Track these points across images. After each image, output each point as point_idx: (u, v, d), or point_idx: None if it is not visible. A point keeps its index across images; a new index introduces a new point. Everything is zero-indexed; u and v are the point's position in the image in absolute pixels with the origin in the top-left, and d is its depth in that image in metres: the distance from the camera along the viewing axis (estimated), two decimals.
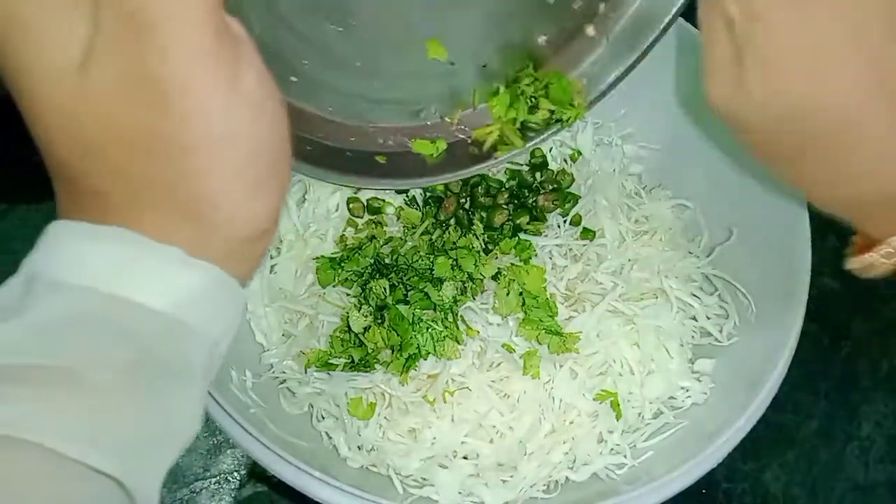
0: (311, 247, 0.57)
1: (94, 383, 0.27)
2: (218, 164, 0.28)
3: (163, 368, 0.29)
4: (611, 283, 0.55)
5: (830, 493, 0.59)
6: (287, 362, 0.54)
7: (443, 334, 0.51)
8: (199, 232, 0.29)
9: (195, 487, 0.58)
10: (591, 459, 0.51)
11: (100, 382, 0.27)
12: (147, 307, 0.28)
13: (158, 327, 0.29)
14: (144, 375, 0.28)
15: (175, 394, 0.29)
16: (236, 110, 0.28)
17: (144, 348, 0.28)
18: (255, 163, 0.29)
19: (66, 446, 0.26)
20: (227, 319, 0.31)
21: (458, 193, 0.58)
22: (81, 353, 0.27)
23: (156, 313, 0.28)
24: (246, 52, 0.28)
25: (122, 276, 0.28)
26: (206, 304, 0.30)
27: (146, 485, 0.28)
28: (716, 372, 0.54)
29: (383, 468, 0.50)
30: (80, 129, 0.28)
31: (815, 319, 0.55)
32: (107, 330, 0.28)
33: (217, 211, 0.29)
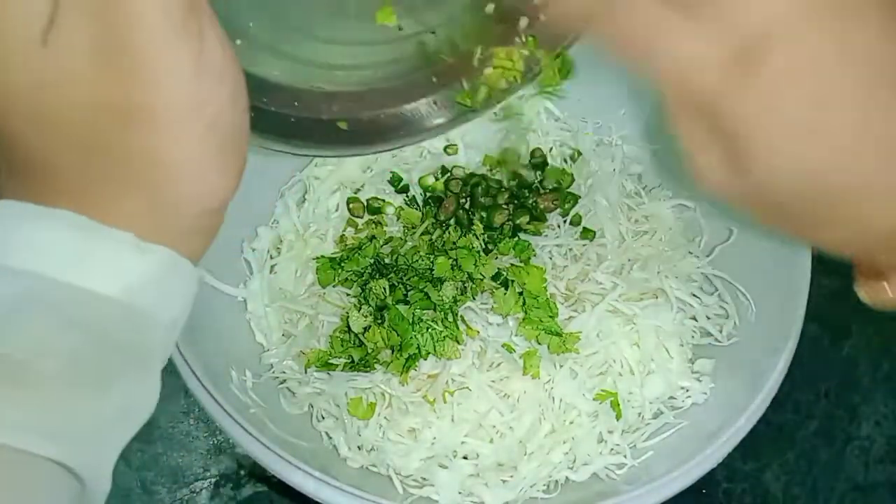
0: (311, 247, 0.57)
1: (40, 372, 0.26)
2: (181, 132, 0.28)
3: (115, 355, 0.28)
4: (611, 283, 0.55)
5: (830, 493, 0.59)
6: (287, 362, 0.54)
7: (443, 334, 0.51)
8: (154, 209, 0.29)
9: (195, 487, 0.58)
10: (591, 459, 0.51)
11: (46, 371, 0.26)
12: (98, 294, 0.28)
13: (111, 314, 0.28)
14: (94, 364, 0.28)
15: (129, 379, 0.29)
16: (201, 79, 0.28)
17: (95, 335, 0.28)
18: (216, 132, 0.29)
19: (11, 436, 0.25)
20: (181, 300, 0.31)
21: (458, 193, 0.58)
22: (27, 341, 0.27)
23: (107, 300, 0.28)
24: (207, 20, 0.28)
25: (71, 261, 0.28)
26: (159, 288, 0.29)
27: (98, 469, 0.28)
28: (716, 372, 0.54)
29: (383, 468, 0.50)
30: (41, 100, 0.27)
31: (815, 319, 0.55)
32: (54, 317, 0.27)
33: (176, 182, 0.29)
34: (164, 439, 0.59)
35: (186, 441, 0.59)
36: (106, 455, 0.29)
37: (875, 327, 0.64)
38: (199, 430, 0.60)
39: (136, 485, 0.58)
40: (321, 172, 0.60)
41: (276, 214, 0.59)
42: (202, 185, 0.29)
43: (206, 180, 0.29)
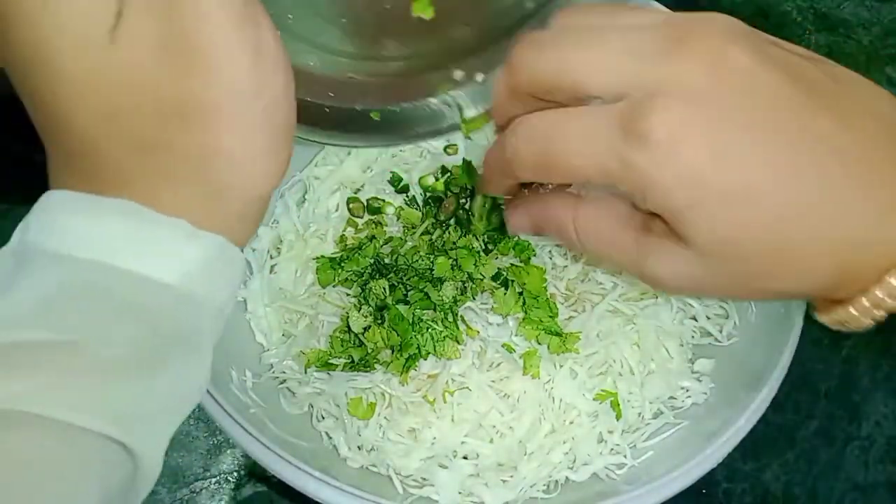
0: (311, 247, 0.57)
1: (101, 358, 0.27)
2: (240, 123, 0.29)
3: (170, 340, 0.29)
4: (611, 283, 0.55)
5: (830, 493, 0.59)
6: (287, 362, 0.54)
7: (443, 334, 0.51)
8: (208, 197, 0.30)
9: (195, 487, 0.58)
10: (591, 459, 0.51)
11: (106, 358, 0.27)
12: (153, 280, 0.28)
13: (165, 300, 0.29)
14: (152, 350, 0.29)
15: (183, 363, 0.30)
16: (259, 68, 0.29)
17: (151, 322, 0.28)
18: (271, 121, 0.30)
19: (74, 415, 0.26)
20: (230, 285, 0.31)
21: (458, 193, 0.58)
22: (87, 328, 0.27)
23: (162, 286, 0.29)
24: (261, 9, 0.29)
25: (127, 248, 0.28)
26: (211, 274, 0.30)
27: (152, 450, 0.29)
28: (716, 372, 0.54)
29: (383, 468, 0.50)
30: (106, 96, 0.28)
31: (815, 319, 0.55)
32: (112, 304, 0.28)
33: (231, 171, 0.29)
34: None
35: (186, 441, 0.59)
36: (159, 435, 0.29)
37: (875, 327, 0.64)
38: (199, 430, 0.60)
39: None
40: (321, 172, 0.60)
41: (276, 214, 0.59)
42: (255, 172, 0.30)
43: (258, 168, 0.30)
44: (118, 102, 0.28)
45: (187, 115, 0.28)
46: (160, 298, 0.29)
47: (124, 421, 0.27)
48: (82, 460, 0.27)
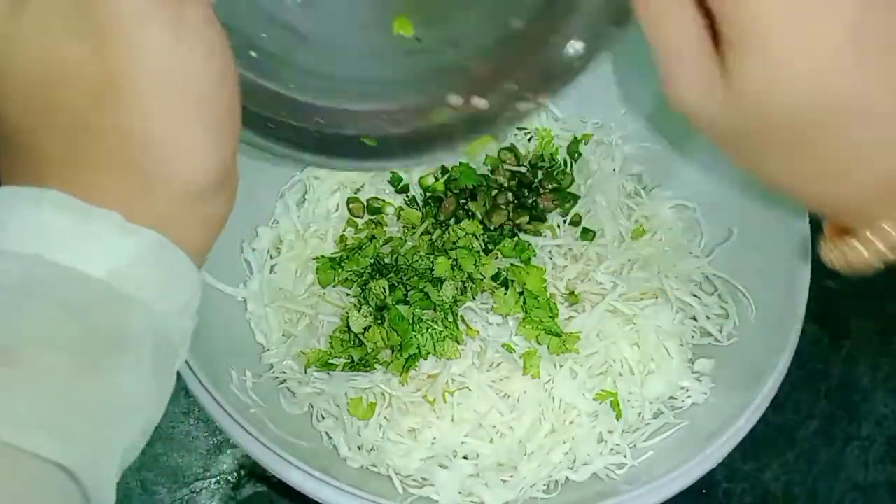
0: (311, 247, 0.57)
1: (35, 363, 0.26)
2: (162, 105, 0.27)
3: (106, 342, 0.27)
4: (611, 283, 0.55)
5: (830, 493, 0.59)
6: (287, 362, 0.54)
7: (443, 334, 0.51)
8: (141, 190, 0.28)
9: (195, 487, 0.58)
10: (591, 459, 0.51)
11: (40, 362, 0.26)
12: (85, 274, 0.27)
13: (97, 296, 0.27)
14: (88, 352, 0.27)
15: (122, 370, 0.28)
16: (182, 49, 0.27)
17: (86, 321, 0.27)
18: (201, 107, 0.28)
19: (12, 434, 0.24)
20: (176, 292, 0.29)
21: (459, 194, 0.58)
22: (20, 331, 0.26)
23: (94, 281, 0.27)
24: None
25: (58, 242, 0.27)
26: (147, 272, 0.28)
27: (96, 472, 0.27)
28: (716, 372, 0.54)
29: (383, 468, 0.50)
30: (16, 77, 0.27)
31: (815, 319, 0.55)
32: (46, 301, 0.27)
33: (161, 161, 0.28)
34: (164, 439, 0.59)
35: (186, 441, 0.59)
36: (103, 455, 0.27)
37: (875, 327, 0.64)
38: (199, 430, 0.60)
39: (136, 485, 0.58)
40: (321, 172, 0.60)
41: (276, 214, 0.59)
42: (185, 163, 0.28)
43: (189, 159, 0.28)
44: (30, 83, 0.27)
45: (103, 98, 0.27)
46: (91, 294, 0.27)
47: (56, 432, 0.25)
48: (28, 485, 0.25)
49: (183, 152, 0.28)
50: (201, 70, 0.28)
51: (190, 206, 0.29)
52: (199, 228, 0.30)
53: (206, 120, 0.28)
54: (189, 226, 0.29)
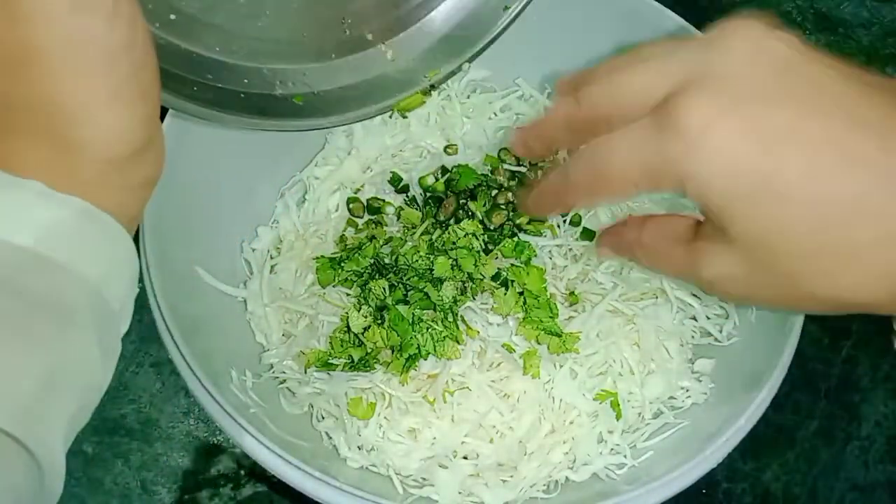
0: (311, 247, 0.57)
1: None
2: (69, 67, 0.27)
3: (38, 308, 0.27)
4: (611, 283, 0.55)
5: (830, 493, 0.59)
6: (287, 362, 0.54)
7: (443, 334, 0.51)
8: (61, 158, 0.28)
9: (195, 487, 0.58)
10: (591, 459, 0.51)
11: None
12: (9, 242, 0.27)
13: (22, 262, 0.27)
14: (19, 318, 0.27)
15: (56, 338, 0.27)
16: (83, 15, 0.27)
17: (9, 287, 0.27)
18: (111, 67, 0.28)
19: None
20: (105, 258, 0.29)
21: (459, 194, 0.58)
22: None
23: (16, 248, 0.27)
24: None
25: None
26: (73, 240, 0.28)
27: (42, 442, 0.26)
28: (716, 372, 0.54)
29: (383, 468, 0.50)
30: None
31: (815, 319, 0.55)
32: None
33: (76, 124, 0.28)
34: (164, 439, 0.59)
35: (186, 441, 0.59)
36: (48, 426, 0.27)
37: (875, 327, 0.64)
38: (199, 430, 0.60)
39: (136, 485, 0.58)
40: (321, 172, 0.60)
41: (276, 214, 0.59)
42: (101, 129, 0.29)
43: (105, 123, 0.29)
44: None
45: (18, 66, 0.27)
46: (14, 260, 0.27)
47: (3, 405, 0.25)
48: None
49: (97, 118, 0.28)
50: (105, 34, 0.28)
51: (113, 172, 0.29)
52: (125, 193, 0.30)
53: (118, 84, 0.28)
54: (115, 191, 0.30)
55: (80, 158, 0.29)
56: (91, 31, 0.28)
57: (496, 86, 0.64)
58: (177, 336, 0.46)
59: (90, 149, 0.29)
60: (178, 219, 0.51)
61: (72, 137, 0.28)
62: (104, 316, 0.29)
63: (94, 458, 0.58)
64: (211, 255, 0.54)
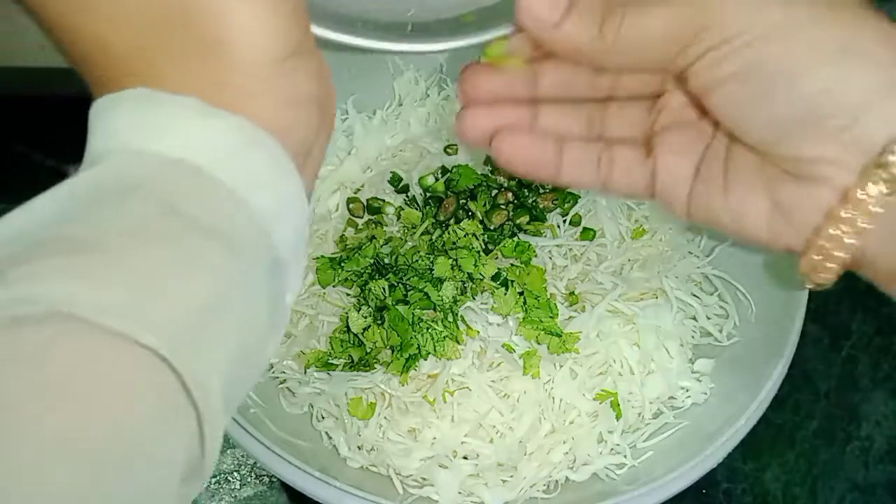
0: (312, 247, 0.57)
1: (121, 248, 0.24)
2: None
3: (191, 225, 0.25)
4: (611, 283, 0.55)
5: (830, 493, 0.59)
6: (287, 362, 0.54)
7: (443, 334, 0.51)
8: (213, 66, 0.27)
9: None
10: (591, 459, 0.51)
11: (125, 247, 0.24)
12: (166, 156, 0.25)
13: (180, 178, 0.25)
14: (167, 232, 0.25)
15: (216, 263, 0.25)
16: None
17: (164, 201, 0.25)
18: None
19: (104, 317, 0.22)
20: (272, 190, 0.27)
21: (459, 194, 0.58)
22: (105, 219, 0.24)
23: (175, 161, 0.25)
24: None
25: (141, 131, 0.26)
26: (238, 163, 0.26)
27: (200, 374, 0.23)
28: (716, 372, 0.54)
29: (383, 468, 0.50)
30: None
31: (815, 319, 0.55)
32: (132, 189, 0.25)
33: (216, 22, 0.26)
34: None
35: None
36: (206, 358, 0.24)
37: (875, 327, 0.64)
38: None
39: None
40: (321, 172, 0.60)
41: None
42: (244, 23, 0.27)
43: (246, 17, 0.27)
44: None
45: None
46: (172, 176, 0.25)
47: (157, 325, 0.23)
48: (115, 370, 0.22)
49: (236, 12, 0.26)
50: None
51: (270, 79, 0.27)
52: (288, 110, 0.28)
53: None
54: (276, 106, 0.28)
55: (231, 65, 0.27)
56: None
57: None
58: None
59: (238, 51, 0.27)
60: None
61: (218, 39, 0.26)
62: (274, 264, 0.27)
63: None
64: None
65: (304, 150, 0.29)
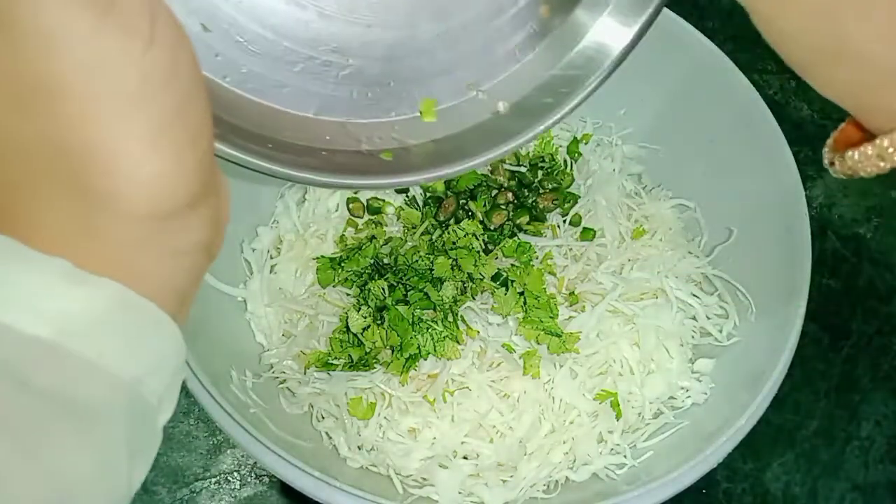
0: (311, 247, 0.57)
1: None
2: (97, 100, 0.22)
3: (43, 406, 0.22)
4: (611, 283, 0.55)
5: (830, 493, 0.59)
6: (287, 362, 0.54)
7: (443, 334, 0.51)
8: (89, 215, 0.23)
9: (195, 487, 0.58)
10: (591, 459, 0.51)
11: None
12: (18, 331, 0.22)
13: (37, 355, 0.22)
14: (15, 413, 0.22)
15: (67, 443, 0.22)
16: (114, 31, 0.22)
17: (20, 380, 0.22)
18: (150, 101, 0.23)
19: None
20: (144, 352, 0.24)
21: (459, 194, 0.58)
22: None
23: (30, 339, 0.22)
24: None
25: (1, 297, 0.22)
26: (105, 332, 0.23)
27: None
28: (716, 372, 0.54)
29: (383, 468, 0.50)
30: None
31: (815, 319, 0.55)
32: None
33: (108, 172, 0.23)
34: (164, 439, 0.59)
35: (186, 441, 0.59)
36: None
37: (875, 327, 0.64)
38: (199, 430, 0.60)
39: None
40: None
41: (276, 214, 0.59)
42: (141, 176, 0.23)
43: (145, 170, 0.23)
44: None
45: (29, 97, 0.22)
46: (25, 352, 0.22)
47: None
48: None
49: (134, 163, 0.23)
50: (139, 59, 0.23)
51: (157, 234, 0.24)
52: (172, 263, 0.25)
53: (159, 122, 0.23)
54: (158, 260, 0.25)
55: (113, 217, 0.23)
56: (123, 57, 0.22)
57: None
58: None
59: (127, 203, 0.23)
60: None
61: (103, 189, 0.23)
62: (138, 413, 0.25)
63: None
64: None
65: (188, 291, 0.26)
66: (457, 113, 0.44)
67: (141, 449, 0.26)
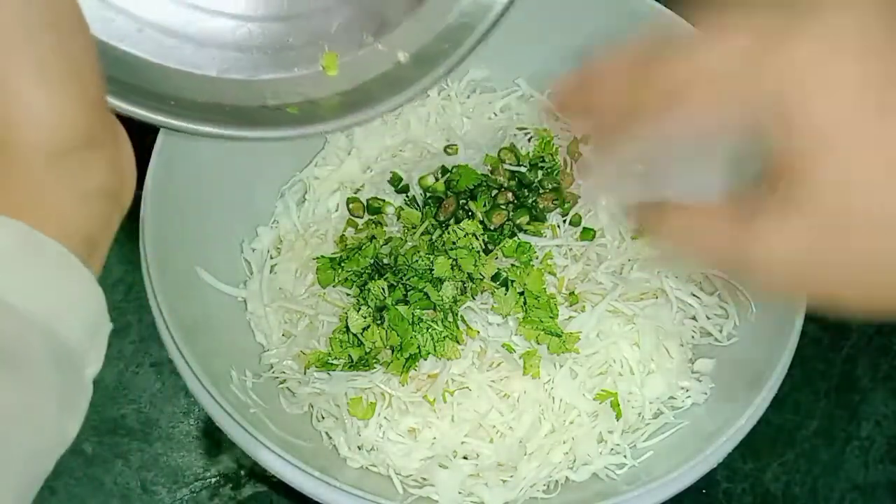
0: (311, 247, 0.57)
1: None
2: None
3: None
4: (611, 283, 0.55)
5: (830, 493, 0.59)
6: (287, 362, 0.54)
7: (443, 334, 0.51)
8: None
9: (195, 487, 0.58)
10: (591, 459, 0.51)
11: None
12: None
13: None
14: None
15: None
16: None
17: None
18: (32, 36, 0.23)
19: None
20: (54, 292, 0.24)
21: (459, 194, 0.58)
22: None
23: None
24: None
25: None
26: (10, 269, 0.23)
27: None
28: (716, 372, 0.54)
29: (383, 468, 0.50)
30: None
31: (815, 319, 0.55)
32: None
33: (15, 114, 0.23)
34: (164, 439, 0.59)
35: (186, 441, 0.59)
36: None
37: (875, 327, 0.64)
38: (199, 430, 0.60)
39: (136, 485, 0.58)
40: (321, 172, 0.60)
41: (276, 214, 0.59)
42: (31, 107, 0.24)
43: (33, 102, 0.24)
44: None
45: None
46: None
47: None
48: None
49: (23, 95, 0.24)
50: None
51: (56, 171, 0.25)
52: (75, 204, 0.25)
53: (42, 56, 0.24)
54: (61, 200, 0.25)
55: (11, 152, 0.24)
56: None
57: (496, 86, 0.64)
58: (177, 336, 0.46)
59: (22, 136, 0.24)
60: (178, 219, 0.51)
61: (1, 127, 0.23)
62: (62, 358, 0.25)
63: (94, 457, 0.58)
64: (211, 255, 0.54)
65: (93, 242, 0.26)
66: (359, 65, 0.44)
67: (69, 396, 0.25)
